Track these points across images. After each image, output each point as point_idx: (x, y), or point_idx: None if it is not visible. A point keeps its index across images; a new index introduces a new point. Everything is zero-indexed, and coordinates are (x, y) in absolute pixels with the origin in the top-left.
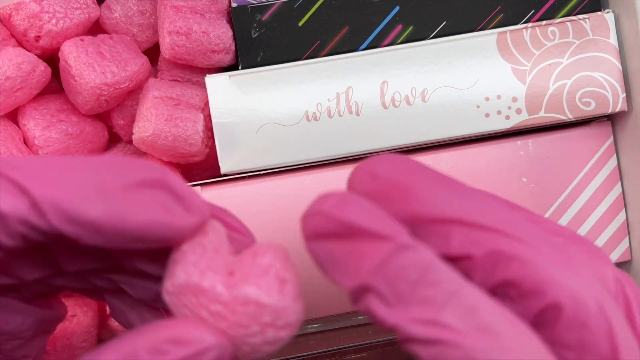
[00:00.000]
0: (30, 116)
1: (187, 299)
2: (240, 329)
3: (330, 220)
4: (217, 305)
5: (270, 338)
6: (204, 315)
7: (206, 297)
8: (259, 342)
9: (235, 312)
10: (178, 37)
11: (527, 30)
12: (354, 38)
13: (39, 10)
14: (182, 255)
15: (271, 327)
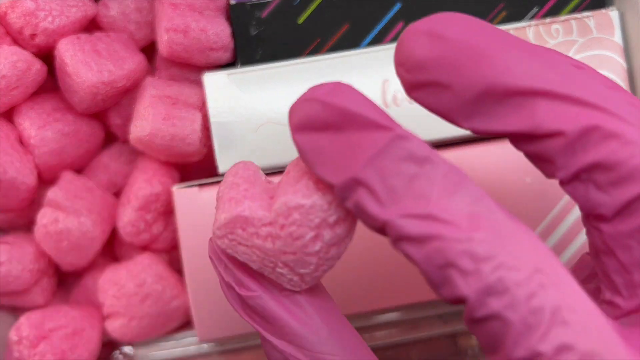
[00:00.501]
0: (26, 115)
1: (236, 236)
2: (296, 242)
3: (322, 108)
4: (265, 227)
5: (330, 238)
6: (258, 243)
7: (252, 224)
8: (322, 248)
9: (284, 226)
10: (176, 35)
11: (530, 28)
12: (354, 35)
13: (35, 8)
14: (219, 199)
15: (325, 227)
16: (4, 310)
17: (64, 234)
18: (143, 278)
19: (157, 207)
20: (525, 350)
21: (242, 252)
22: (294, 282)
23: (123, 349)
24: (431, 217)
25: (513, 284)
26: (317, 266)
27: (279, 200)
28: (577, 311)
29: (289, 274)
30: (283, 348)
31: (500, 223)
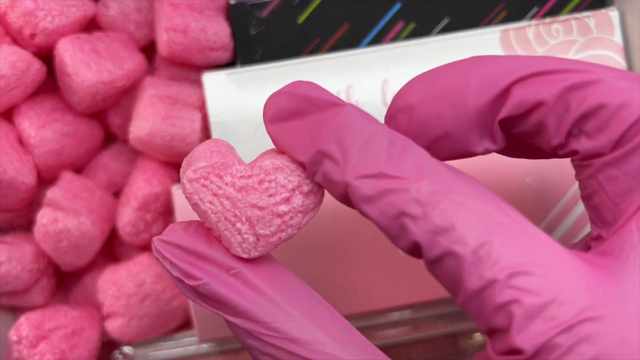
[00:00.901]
0: (26, 115)
1: (210, 183)
2: (270, 198)
3: (287, 98)
4: (243, 179)
5: (299, 204)
6: (230, 192)
7: (231, 174)
8: (290, 211)
9: (263, 181)
10: (175, 35)
11: (531, 27)
12: (354, 35)
13: (35, 8)
14: (193, 153)
15: (299, 193)
16: (4, 310)
17: (64, 234)
18: (143, 278)
19: (156, 207)
20: (478, 280)
21: (207, 200)
22: (247, 243)
23: (123, 349)
24: (382, 175)
25: (459, 223)
26: (277, 230)
27: (263, 160)
28: (525, 240)
29: (246, 232)
30: (243, 325)
31: (442, 174)
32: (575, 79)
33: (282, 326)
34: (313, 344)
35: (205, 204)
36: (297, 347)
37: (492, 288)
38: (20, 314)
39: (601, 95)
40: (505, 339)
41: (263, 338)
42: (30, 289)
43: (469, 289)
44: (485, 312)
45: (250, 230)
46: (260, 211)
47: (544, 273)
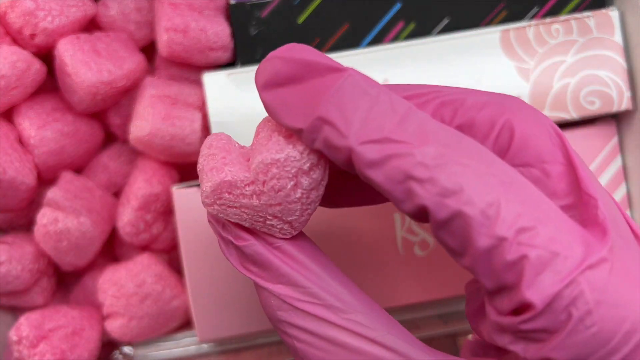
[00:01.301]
0: (26, 115)
1: (224, 201)
2: (279, 194)
3: (283, 63)
4: (249, 187)
5: (308, 184)
6: (245, 202)
7: (236, 187)
8: (303, 194)
9: (265, 182)
10: (175, 35)
11: (531, 27)
12: (354, 35)
13: (35, 8)
14: (200, 172)
15: (302, 175)
16: (4, 310)
17: (64, 234)
18: (143, 278)
19: (156, 207)
20: (488, 238)
21: (232, 214)
22: (284, 230)
23: (123, 349)
24: (387, 140)
25: (466, 184)
26: (302, 211)
27: (256, 159)
28: (528, 199)
29: (278, 223)
30: (279, 291)
31: (446, 137)
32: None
33: (319, 292)
34: (348, 312)
35: (232, 217)
36: (330, 314)
37: (502, 245)
38: (20, 314)
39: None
40: (514, 295)
41: (297, 305)
42: (30, 289)
43: (478, 248)
44: (494, 270)
45: (280, 222)
46: (279, 206)
47: (548, 230)
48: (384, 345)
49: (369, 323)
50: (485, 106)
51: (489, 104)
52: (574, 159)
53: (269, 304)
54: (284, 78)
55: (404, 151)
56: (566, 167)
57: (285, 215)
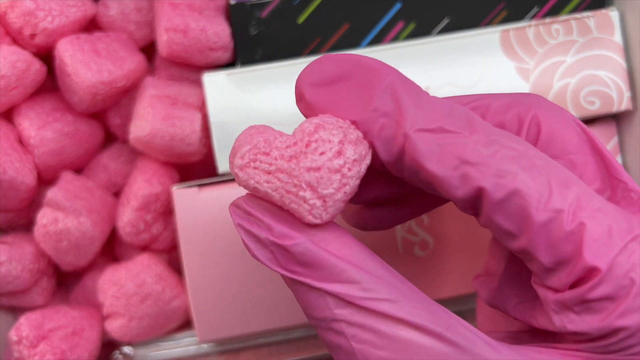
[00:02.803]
0: (26, 115)
1: (260, 163)
2: (322, 157)
3: (334, 62)
4: (290, 148)
5: (352, 154)
6: (282, 165)
7: (276, 147)
8: (345, 163)
9: (310, 143)
10: (175, 35)
11: (531, 28)
12: (354, 35)
13: (35, 8)
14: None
15: (348, 143)
16: (4, 310)
17: (64, 234)
18: (143, 278)
19: (156, 207)
20: (546, 212)
21: (264, 181)
22: (316, 208)
23: (123, 349)
24: (440, 130)
25: (518, 165)
26: (340, 185)
27: (305, 122)
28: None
29: (311, 197)
30: (337, 290)
31: (490, 127)
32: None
33: (381, 287)
34: (409, 306)
35: (263, 185)
36: (396, 310)
37: (560, 217)
38: (20, 314)
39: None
40: (575, 264)
41: (357, 302)
42: (30, 289)
43: (537, 222)
44: (554, 243)
45: (314, 195)
46: (317, 172)
47: (594, 202)
48: (452, 342)
49: (429, 317)
50: (511, 106)
51: (514, 104)
52: (601, 148)
53: (320, 304)
54: (334, 76)
55: (457, 139)
56: (591, 157)
57: (321, 186)
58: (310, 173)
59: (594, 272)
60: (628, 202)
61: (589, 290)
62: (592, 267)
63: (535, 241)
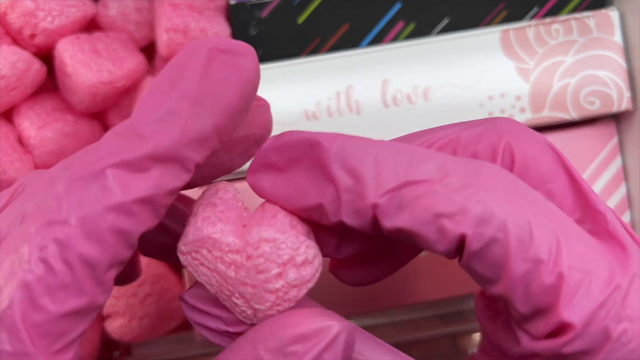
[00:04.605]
0: (26, 115)
1: (200, 257)
2: (259, 275)
3: (276, 150)
4: (231, 254)
5: (293, 279)
6: (220, 268)
7: (219, 248)
8: (283, 287)
9: (251, 256)
10: (175, 35)
11: (531, 28)
12: (354, 35)
13: (34, 8)
14: (193, 216)
15: (292, 266)
16: None
17: None
18: (143, 278)
19: None
20: (525, 262)
21: (202, 273)
22: (246, 314)
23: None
24: (406, 184)
25: (497, 209)
26: (273, 305)
27: (253, 230)
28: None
29: (243, 305)
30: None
31: (462, 164)
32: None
33: None
34: None
35: (200, 276)
36: None
37: (539, 268)
38: None
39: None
40: (551, 317)
41: None
42: None
43: (515, 272)
44: (531, 294)
45: (246, 304)
46: (252, 288)
47: (577, 247)
48: None
49: None
50: (482, 136)
51: (485, 133)
52: (576, 175)
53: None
54: (283, 164)
55: (427, 189)
56: (569, 184)
57: (254, 301)
58: (245, 287)
59: (569, 327)
60: (607, 236)
61: (564, 345)
62: (568, 323)
63: (513, 290)
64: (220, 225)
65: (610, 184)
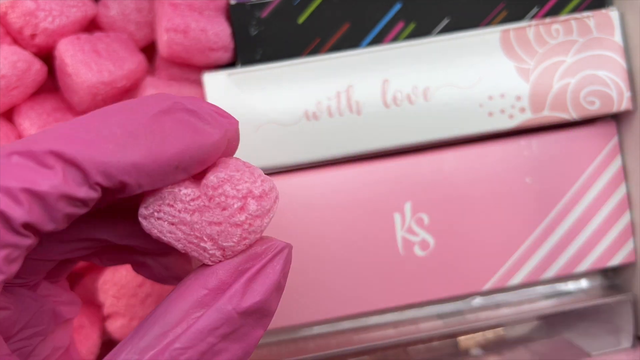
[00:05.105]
0: (26, 115)
1: (164, 214)
2: (224, 212)
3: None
4: (194, 201)
5: (255, 209)
6: (185, 218)
7: (181, 200)
8: (247, 219)
9: (212, 197)
10: (176, 35)
11: (531, 28)
12: (354, 35)
13: (35, 8)
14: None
15: (251, 198)
16: None
17: None
18: (143, 278)
19: None
20: None
21: (167, 231)
22: (215, 256)
23: None
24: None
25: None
26: (241, 239)
27: (209, 175)
28: None
29: (212, 248)
30: None
31: None
32: None
33: None
34: None
35: (166, 235)
36: None
37: None
38: None
39: None
40: None
41: None
42: None
43: None
44: None
45: (214, 246)
46: (219, 226)
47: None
48: None
49: None
50: None
51: None
52: None
53: None
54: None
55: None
56: None
57: (222, 239)
58: (212, 227)
59: None
60: None
61: None
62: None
63: None
64: (177, 184)
65: (610, 184)
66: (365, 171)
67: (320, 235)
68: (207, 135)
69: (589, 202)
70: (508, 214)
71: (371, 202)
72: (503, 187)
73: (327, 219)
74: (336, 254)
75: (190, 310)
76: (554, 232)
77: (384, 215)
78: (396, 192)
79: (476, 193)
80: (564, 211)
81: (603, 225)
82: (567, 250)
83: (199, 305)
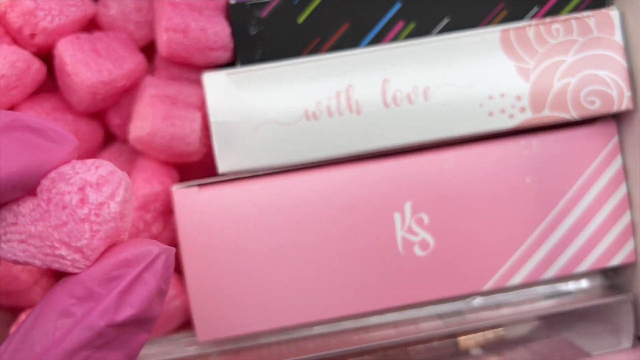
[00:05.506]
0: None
1: (10, 235)
2: (65, 210)
3: None
4: (34, 212)
5: (95, 198)
6: (31, 230)
7: (21, 214)
8: (91, 210)
9: (50, 199)
10: (175, 35)
11: (531, 27)
12: (354, 35)
13: (34, 7)
14: None
15: (88, 188)
16: (4, 310)
17: None
18: None
19: (156, 207)
20: None
21: (19, 250)
22: (77, 261)
23: None
24: None
25: None
26: (92, 233)
27: (44, 179)
28: None
29: (68, 253)
30: None
31: None
32: None
33: None
34: None
35: (19, 255)
36: None
37: None
38: (20, 314)
39: None
40: None
41: None
42: (30, 288)
43: None
44: None
45: (70, 250)
46: (65, 227)
47: None
48: None
49: None
50: None
51: None
52: None
53: None
54: None
55: None
56: None
57: (73, 240)
58: (59, 230)
59: None
60: None
61: None
62: None
63: None
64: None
65: (610, 184)
66: (365, 171)
67: (320, 235)
68: (53, 153)
69: (589, 202)
70: (508, 214)
71: (371, 202)
72: (503, 186)
73: (326, 219)
74: (336, 253)
75: (58, 321)
76: (554, 232)
77: (384, 215)
78: (396, 192)
79: (476, 193)
80: (564, 211)
81: (603, 225)
82: (568, 250)
83: (65, 316)
